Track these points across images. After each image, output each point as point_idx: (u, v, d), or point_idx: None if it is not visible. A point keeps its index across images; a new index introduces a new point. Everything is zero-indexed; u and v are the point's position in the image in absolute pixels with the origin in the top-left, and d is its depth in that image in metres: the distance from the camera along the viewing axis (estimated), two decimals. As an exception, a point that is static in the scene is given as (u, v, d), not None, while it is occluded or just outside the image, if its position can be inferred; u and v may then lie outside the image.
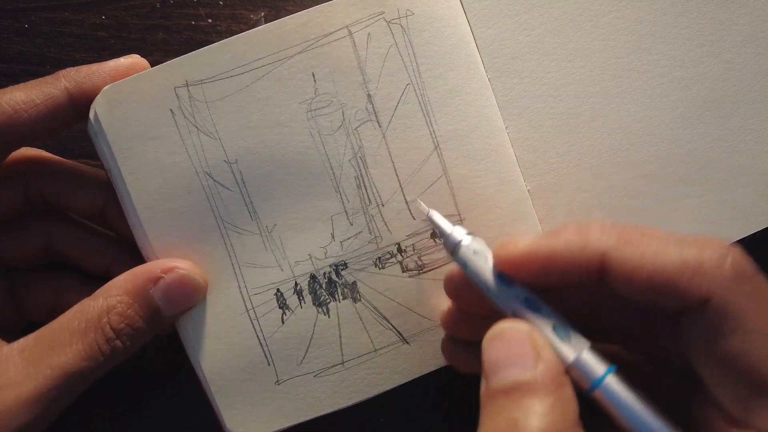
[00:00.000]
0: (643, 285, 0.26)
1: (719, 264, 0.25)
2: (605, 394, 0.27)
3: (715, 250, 0.26)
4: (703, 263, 0.26)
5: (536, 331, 0.28)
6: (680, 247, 0.26)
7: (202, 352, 0.35)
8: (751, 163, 0.38)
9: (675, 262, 0.26)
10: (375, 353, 0.36)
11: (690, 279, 0.26)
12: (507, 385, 0.27)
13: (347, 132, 0.35)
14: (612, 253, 0.27)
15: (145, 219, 0.35)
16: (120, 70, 0.34)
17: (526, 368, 0.27)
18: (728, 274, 0.25)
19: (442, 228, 0.32)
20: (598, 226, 0.28)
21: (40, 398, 0.30)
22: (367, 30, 0.35)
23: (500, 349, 0.28)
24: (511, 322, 0.29)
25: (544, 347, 0.27)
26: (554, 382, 0.26)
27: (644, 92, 0.37)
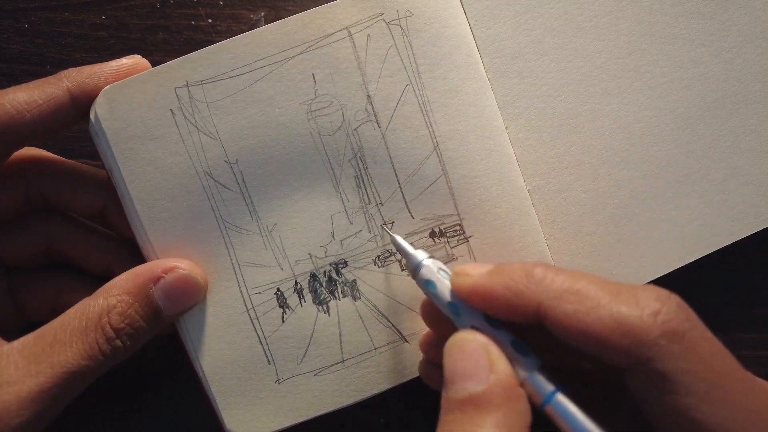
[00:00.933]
0: (577, 340, 0.27)
1: (649, 324, 0.25)
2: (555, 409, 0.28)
3: (647, 308, 0.26)
4: (632, 323, 0.26)
5: (492, 345, 0.29)
6: (613, 304, 0.26)
7: (202, 352, 0.35)
8: (751, 163, 0.38)
9: (606, 320, 0.26)
10: (375, 351, 0.36)
11: (620, 340, 0.26)
12: (461, 397, 0.27)
13: (347, 132, 0.35)
14: (546, 306, 0.27)
15: (145, 219, 0.35)
16: (122, 71, 0.34)
17: (480, 381, 0.27)
18: (657, 335, 0.25)
19: (405, 249, 0.33)
20: (540, 272, 0.28)
21: (41, 396, 0.30)
22: (367, 31, 0.35)
23: (458, 360, 0.28)
24: (469, 333, 0.29)
25: (498, 360, 0.28)
26: (505, 396, 0.27)
27: (644, 92, 0.37)
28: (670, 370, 0.25)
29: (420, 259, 0.32)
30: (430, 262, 0.32)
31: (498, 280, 0.29)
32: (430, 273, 0.32)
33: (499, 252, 0.36)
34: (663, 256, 0.38)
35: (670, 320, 0.26)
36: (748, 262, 0.41)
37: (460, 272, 0.31)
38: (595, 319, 0.26)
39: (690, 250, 0.38)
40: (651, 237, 0.38)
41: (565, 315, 0.27)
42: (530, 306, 0.28)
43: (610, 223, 0.37)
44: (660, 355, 0.25)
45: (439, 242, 0.36)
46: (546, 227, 0.37)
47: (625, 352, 0.26)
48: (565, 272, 0.28)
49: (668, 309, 0.26)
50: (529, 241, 0.36)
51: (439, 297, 0.31)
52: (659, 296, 0.27)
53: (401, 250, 0.34)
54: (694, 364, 0.25)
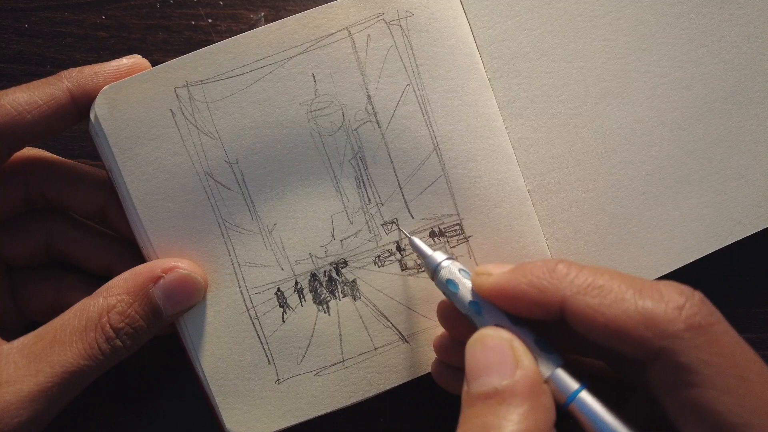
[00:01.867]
0: (599, 333, 0.27)
1: (673, 317, 0.26)
2: (579, 408, 0.28)
3: (671, 302, 0.26)
4: (656, 317, 0.26)
5: (517, 340, 0.29)
6: (637, 298, 0.27)
7: (202, 352, 0.35)
8: (751, 163, 0.38)
9: (630, 313, 0.26)
10: (375, 351, 0.36)
11: (644, 332, 0.26)
12: (485, 390, 0.27)
13: (347, 132, 0.35)
14: (570, 300, 0.28)
15: (145, 219, 0.35)
16: (122, 71, 0.34)
17: (505, 375, 0.27)
18: (682, 328, 0.26)
19: (423, 251, 0.33)
20: (563, 269, 0.29)
21: (40, 396, 0.30)
22: (367, 31, 0.35)
23: (481, 355, 0.29)
24: (494, 329, 0.30)
25: (523, 356, 0.28)
26: (531, 391, 0.27)
27: (644, 92, 0.37)
28: (693, 362, 0.25)
29: (439, 260, 0.32)
30: (449, 263, 0.32)
31: (521, 277, 0.29)
32: (451, 274, 0.32)
33: (499, 252, 0.36)
34: (663, 256, 0.38)
35: (694, 314, 0.26)
36: (748, 262, 0.41)
37: (481, 271, 0.31)
38: (620, 311, 0.27)
39: (690, 250, 0.38)
40: (651, 237, 0.38)
41: (589, 308, 0.27)
42: (554, 301, 0.28)
43: (610, 223, 0.37)
44: (684, 348, 0.25)
45: (438, 242, 0.36)
46: (546, 227, 0.37)
47: (649, 344, 0.26)
48: (588, 268, 0.29)
49: (692, 303, 0.26)
50: (529, 241, 0.36)
51: (460, 298, 0.31)
52: (683, 291, 0.27)
53: (419, 252, 0.34)
54: (718, 357, 0.25)
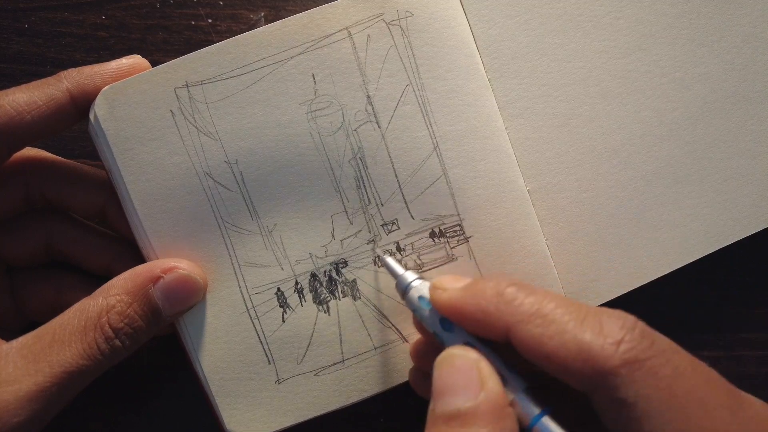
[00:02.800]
0: (542, 364, 0.27)
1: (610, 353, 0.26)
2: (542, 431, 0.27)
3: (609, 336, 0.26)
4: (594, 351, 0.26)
5: (484, 361, 0.29)
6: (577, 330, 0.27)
7: (202, 352, 0.35)
8: (751, 164, 0.38)
9: (570, 347, 0.26)
10: (375, 351, 0.36)
11: (581, 367, 0.26)
12: (449, 411, 0.27)
13: (347, 133, 0.35)
14: (514, 329, 0.28)
15: (145, 219, 0.35)
16: (122, 71, 0.34)
17: (469, 397, 0.27)
18: (618, 363, 0.25)
19: (395, 271, 0.34)
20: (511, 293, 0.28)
21: (40, 395, 0.30)
22: (367, 31, 0.35)
23: (447, 375, 0.28)
24: (462, 349, 0.29)
25: (488, 377, 0.28)
26: (494, 414, 0.27)
27: (644, 92, 0.37)
28: (631, 396, 0.25)
29: (410, 279, 0.33)
30: (419, 282, 0.32)
31: (470, 299, 0.29)
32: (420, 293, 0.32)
33: (499, 252, 0.36)
34: (663, 256, 0.38)
35: (631, 348, 0.26)
36: (748, 262, 0.41)
37: (437, 285, 0.31)
38: (559, 344, 0.26)
39: (690, 250, 0.38)
40: (651, 237, 0.38)
41: (532, 339, 0.27)
42: (499, 327, 0.28)
43: (610, 223, 0.37)
44: (621, 383, 0.25)
45: (439, 242, 0.36)
46: (546, 227, 0.37)
47: (587, 379, 0.26)
48: (536, 293, 0.28)
49: (631, 337, 0.26)
50: (529, 241, 0.36)
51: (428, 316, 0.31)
52: (624, 324, 0.27)
53: (390, 271, 0.34)
54: (655, 390, 0.25)
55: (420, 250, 0.36)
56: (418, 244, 0.36)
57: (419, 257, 0.36)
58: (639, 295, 0.38)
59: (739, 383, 0.28)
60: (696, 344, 0.41)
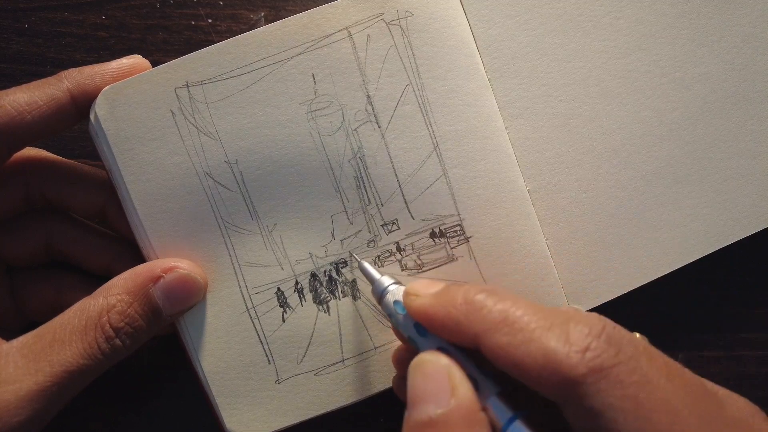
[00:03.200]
0: (511, 371, 0.27)
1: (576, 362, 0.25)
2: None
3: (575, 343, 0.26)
4: (559, 361, 0.25)
5: (455, 366, 0.28)
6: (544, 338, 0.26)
7: (202, 352, 0.35)
8: (751, 164, 0.38)
9: (536, 356, 0.26)
10: (375, 351, 0.36)
11: (548, 376, 0.26)
12: (421, 419, 0.27)
13: (347, 132, 0.35)
14: (483, 337, 0.27)
15: (145, 219, 0.35)
16: (122, 71, 0.34)
17: (440, 404, 0.27)
18: (584, 372, 0.25)
19: (372, 276, 0.33)
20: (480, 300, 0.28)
21: (40, 395, 0.30)
22: (367, 31, 0.35)
23: (419, 381, 0.28)
24: (433, 354, 0.29)
25: (459, 384, 0.28)
26: (465, 420, 0.27)
27: (644, 92, 0.37)
28: (597, 406, 0.25)
29: (386, 284, 0.33)
30: (395, 287, 0.32)
31: (440, 305, 0.29)
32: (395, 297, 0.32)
33: (500, 252, 0.36)
34: (663, 256, 0.38)
35: (597, 356, 0.26)
36: (748, 262, 0.41)
37: (410, 291, 0.31)
38: (526, 353, 0.26)
39: (690, 250, 0.38)
40: (651, 237, 0.38)
41: (498, 347, 0.27)
42: (469, 335, 0.28)
43: (610, 223, 0.37)
44: (587, 392, 0.25)
45: (439, 242, 0.36)
46: (546, 227, 0.37)
47: (554, 388, 0.26)
48: (506, 300, 0.28)
49: (597, 345, 0.26)
50: (529, 241, 0.36)
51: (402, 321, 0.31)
52: (591, 331, 0.26)
53: (367, 276, 0.34)
54: (621, 399, 0.25)
55: (420, 251, 0.36)
56: (418, 245, 0.36)
57: (419, 257, 0.36)
58: (639, 295, 0.38)
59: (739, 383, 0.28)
60: (696, 344, 0.41)
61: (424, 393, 0.28)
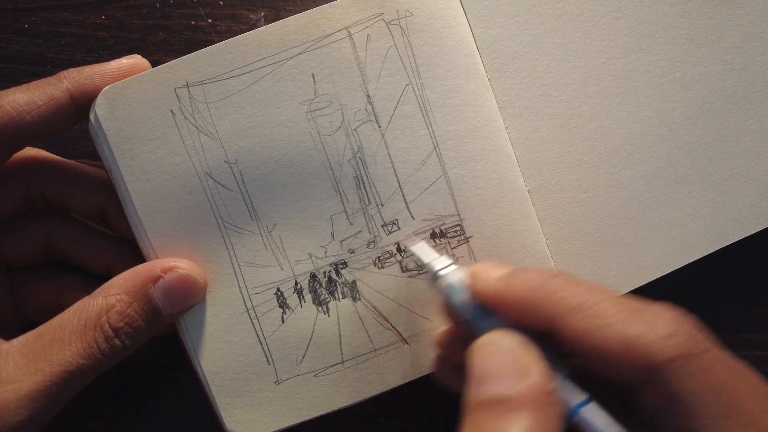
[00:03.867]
0: (588, 356, 0.27)
1: (662, 346, 0.25)
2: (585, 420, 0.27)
3: (660, 329, 0.26)
4: (644, 345, 0.25)
5: (529, 346, 0.28)
6: (628, 322, 0.26)
7: (202, 352, 0.35)
8: (751, 164, 0.38)
9: (618, 340, 0.26)
10: (374, 353, 0.36)
11: (632, 360, 0.25)
12: (492, 397, 0.26)
13: (347, 132, 0.35)
14: (560, 320, 0.27)
15: (145, 219, 0.35)
16: (122, 71, 0.34)
17: (513, 383, 0.26)
18: (670, 357, 0.25)
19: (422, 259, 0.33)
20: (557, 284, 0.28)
21: (40, 395, 0.30)
22: (367, 31, 0.35)
23: (489, 360, 0.27)
24: (502, 334, 0.28)
25: (533, 363, 0.27)
26: (539, 400, 0.26)
27: (644, 92, 0.37)
28: (682, 391, 0.25)
29: (442, 265, 0.32)
30: (452, 268, 0.32)
31: (513, 288, 0.29)
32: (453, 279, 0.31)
33: (500, 252, 0.36)
34: (663, 257, 0.38)
35: (683, 342, 0.25)
36: (748, 262, 0.41)
37: (476, 274, 0.30)
38: (609, 336, 0.26)
39: (690, 250, 0.38)
40: (651, 237, 0.38)
41: (578, 330, 0.26)
42: (545, 317, 0.27)
43: (610, 223, 0.37)
44: (673, 378, 0.25)
45: (439, 243, 0.36)
46: (546, 227, 0.37)
47: (636, 373, 0.25)
48: (582, 285, 0.28)
49: (682, 331, 0.26)
50: (529, 241, 0.36)
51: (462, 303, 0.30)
52: (675, 318, 0.26)
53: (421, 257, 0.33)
54: (708, 386, 0.25)
55: (420, 251, 0.36)
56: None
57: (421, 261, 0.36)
58: (639, 295, 0.37)
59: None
60: (696, 344, 0.41)
61: (496, 371, 0.27)
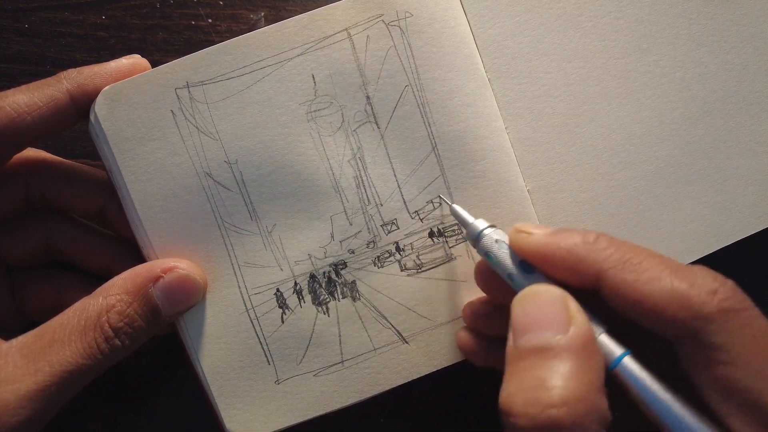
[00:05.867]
0: (633, 309, 0.27)
1: (706, 300, 0.26)
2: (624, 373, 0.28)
3: (705, 285, 0.27)
4: (690, 298, 0.26)
5: (571, 298, 0.28)
6: (672, 277, 0.27)
7: (202, 352, 0.35)
8: (751, 164, 0.38)
9: (665, 292, 0.27)
10: (374, 352, 0.36)
11: (677, 312, 0.26)
12: (538, 344, 0.27)
13: (346, 133, 0.35)
14: (607, 273, 0.28)
15: (145, 219, 0.35)
16: (122, 71, 0.34)
17: (559, 330, 0.27)
18: (714, 310, 0.26)
19: (465, 218, 0.34)
20: (603, 242, 0.29)
21: (39, 395, 0.30)
22: (367, 32, 0.35)
23: (534, 309, 0.28)
24: (546, 286, 0.29)
25: (577, 313, 0.28)
26: (584, 349, 0.27)
27: (644, 92, 0.37)
28: (725, 342, 0.26)
29: (482, 227, 0.32)
30: (492, 230, 0.32)
31: (561, 242, 0.29)
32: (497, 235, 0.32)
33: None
34: (663, 257, 0.38)
35: (727, 298, 0.26)
36: (748, 262, 0.41)
37: (520, 229, 0.31)
38: (655, 290, 0.27)
39: (690, 250, 0.38)
40: (651, 237, 0.38)
41: (625, 284, 0.27)
42: (590, 272, 0.28)
43: (610, 223, 0.37)
44: (716, 329, 0.26)
45: (437, 242, 0.36)
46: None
47: (681, 324, 0.26)
48: (626, 244, 0.29)
49: (725, 289, 0.27)
50: (529, 241, 0.36)
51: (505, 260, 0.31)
52: (716, 277, 0.27)
53: (460, 219, 0.34)
54: (750, 339, 0.26)
55: (419, 250, 0.36)
56: (417, 244, 0.36)
57: (418, 257, 0.36)
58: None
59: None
60: (696, 344, 0.41)
61: (541, 319, 0.28)
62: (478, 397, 0.41)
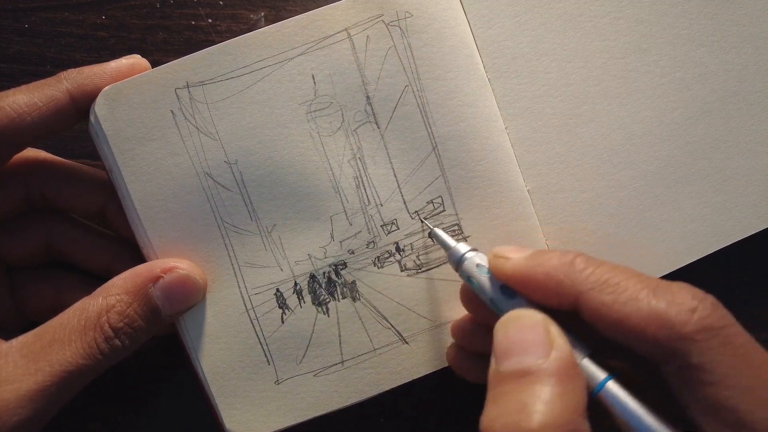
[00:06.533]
0: (613, 330, 0.27)
1: (686, 319, 0.26)
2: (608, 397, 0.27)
3: (684, 304, 0.27)
4: (669, 317, 0.26)
5: (553, 322, 0.28)
6: (651, 298, 0.27)
7: (202, 352, 0.35)
8: (751, 164, 0.38)
9: (643, 313, 0.27)
10: (374, 352, 0.36)
11: (656, 332, 0.26)
12: (519, 369, 0.27)
13: (346, 133, 0.35)
14: (585, 296, 0.28)
15: (145, 219, 0.35)
16: (122, 71, 0.34)
17: (539, 355, 0.27)
18: (694, 329, 0.26)
19: (446, 242, 0.34)
20: (581, 263, 0.29)
21: (39, 394, 0.30)
22: (367, 32, 0.35)
23: (515, 334, 0.28)
24: (528, 310, 0.29)
25: (558, 337, 0.28)
26: (565, 373, 0.27)
27: (644, 92, 0.37)
28: (707, 362, 0.26)
29: (463, 251, 0.33)
30: (473, 254, 0.32)
31: (538, 266, 0.29)
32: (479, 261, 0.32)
33: (499, 252, 0.36)
34: (663, 256, 0.38)
35: (707, 317, 0.26)
36: (748, 262, 0.41)
37: (498, 254, 0.31)
38: (633, 310, 0.27)
39: (690, 250, 0.38)
40: (651, 237, 0.38)
41: (603, 305, 0.27)
42: (570, 294, 0.28)
43: (610, 224, 0.37)
44: (697, 349, 0.26)
45: (437, 243, 0.36)
46: (546, 227, 0.37)
47: (662, 345, 0.26)
48: (605, 264, 0.29)
49: (704, 306, 0.26)
50: (529, 241, 0.36)
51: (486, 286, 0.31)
52: (696, 294, 0.27)
53: (442, 243, 0.34)
54: (731, 357, 0.26)
55: (419, 251, 0.36)
56: (417, 245, 0.36)
57: (418, 257, 0.36)
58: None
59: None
60: (696, 344, 0.41)
61: (522, 344, 0.28)
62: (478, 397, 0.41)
